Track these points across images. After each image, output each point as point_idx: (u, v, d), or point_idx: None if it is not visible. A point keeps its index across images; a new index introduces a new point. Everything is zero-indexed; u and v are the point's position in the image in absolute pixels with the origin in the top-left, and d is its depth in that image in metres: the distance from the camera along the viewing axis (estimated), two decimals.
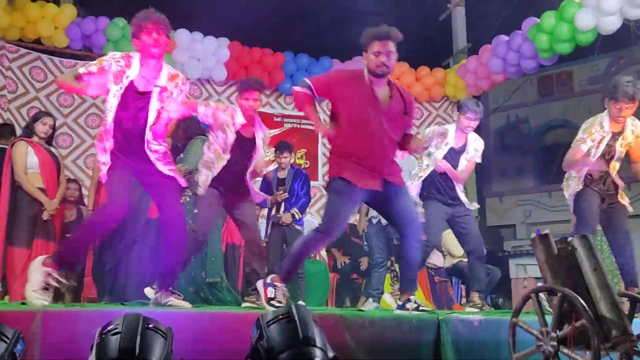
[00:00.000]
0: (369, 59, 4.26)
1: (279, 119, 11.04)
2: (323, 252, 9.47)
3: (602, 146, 5.40)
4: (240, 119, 5.15)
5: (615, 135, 5.41)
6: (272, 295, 4.30)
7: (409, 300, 4.39)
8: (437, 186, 5.83)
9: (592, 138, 5.38)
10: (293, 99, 4.38)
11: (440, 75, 11.38)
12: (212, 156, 5.20)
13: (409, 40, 4.45)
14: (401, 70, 11.06)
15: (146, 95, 4.24)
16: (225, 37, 10.32)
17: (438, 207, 5.81)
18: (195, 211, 5.45)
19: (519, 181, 13.75)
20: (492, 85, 10.82)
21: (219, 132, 5.17)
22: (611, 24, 8.33)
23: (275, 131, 10.89)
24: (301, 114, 10.93)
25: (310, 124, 11.06)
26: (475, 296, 5.83)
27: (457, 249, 8.57)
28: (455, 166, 5.84)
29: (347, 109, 4.29)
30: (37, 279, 3.92)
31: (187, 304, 4.36)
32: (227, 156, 5.14)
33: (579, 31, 8.64)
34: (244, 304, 5.32)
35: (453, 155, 5.86)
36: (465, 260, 8.58)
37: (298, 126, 11.10)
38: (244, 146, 5.28)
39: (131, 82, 4.20)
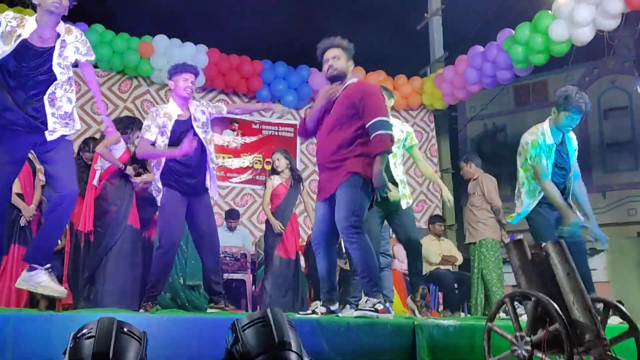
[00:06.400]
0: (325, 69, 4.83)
1: (257, 126, 11.04)
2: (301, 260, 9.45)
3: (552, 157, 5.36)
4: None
5: (558, 146, 5.39)
6: None
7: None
8: None
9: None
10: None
11: (417, 84, 11.44)
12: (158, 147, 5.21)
13: (386, 50, 4.58)
14: (379, 79, 11.11)
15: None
16: (203, 44, 10.29)
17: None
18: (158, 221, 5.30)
19: None
20: (469, 94, 10.89)
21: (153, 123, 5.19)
22: (584, 35, 8.43)
23: (254, 138, 10.91)
24: (279, 121, 11.02)
25: (287, 131, 11.11)
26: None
27: (434, 256, 8.60)
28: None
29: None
30: None
31: (61, 288, 4.26)
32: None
33: (553, 42, 8.73)
34: (210, 310, 5.22)
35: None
36: (443, 267, 8.64)
37: (276, 133, 11.10)
38: (185, 131, 5.23)
39: None
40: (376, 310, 4.19)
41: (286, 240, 7.43)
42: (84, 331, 2.53)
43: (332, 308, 4.68)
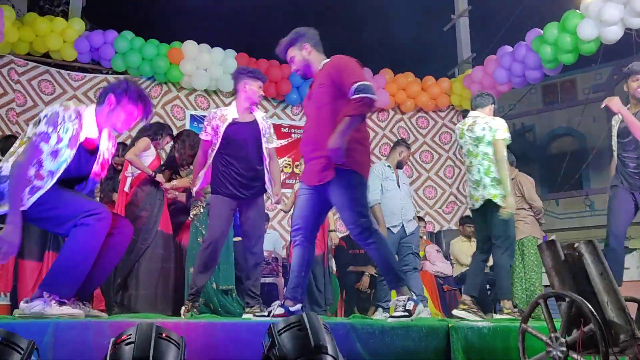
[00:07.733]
0: None
1: (286, 130, 11.09)
2: (332, 263, 9.47)
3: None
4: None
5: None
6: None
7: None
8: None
9: None
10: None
11: (445, 85, 11.43)
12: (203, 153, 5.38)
13: (414, 51, 4.50)
14: (407, 81, 11.20)
15: None
16: (232, 49, 10.37)
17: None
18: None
19: None
20: (498, 95, 10.83)
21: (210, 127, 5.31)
22: (613, 34, 8.36)
23: (283, 142, 10.95)
24: None
25: None
26: (506, 304, 5.67)
27: (466, 258, 8.57)
28: None
29: None
30: None
31: (80, 312, 3.78)
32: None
33: (582, 41, 8.68)
34: (245, 315, 5.13)
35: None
36: None
37: None
38: (252, 133, 5.33)
39: None
40: (408, 311, 4.10)
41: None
42: (124, 337, 2.56)
43: (292, 309, 4.29)
